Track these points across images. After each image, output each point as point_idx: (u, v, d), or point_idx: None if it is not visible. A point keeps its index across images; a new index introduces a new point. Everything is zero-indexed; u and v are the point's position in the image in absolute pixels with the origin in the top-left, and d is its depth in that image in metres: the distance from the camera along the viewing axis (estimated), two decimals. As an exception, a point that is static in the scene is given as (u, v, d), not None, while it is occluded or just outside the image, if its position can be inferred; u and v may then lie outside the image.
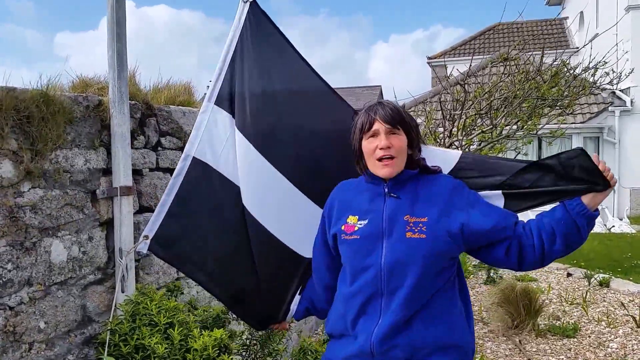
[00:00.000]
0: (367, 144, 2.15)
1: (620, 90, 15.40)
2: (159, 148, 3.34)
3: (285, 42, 2.65)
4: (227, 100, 2.63)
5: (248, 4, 2.60)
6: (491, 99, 7.04)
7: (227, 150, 2.64)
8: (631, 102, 15.69)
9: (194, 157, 2.59)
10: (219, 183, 2.62)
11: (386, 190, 2.16)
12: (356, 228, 2.13)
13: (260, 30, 2.63)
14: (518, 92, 7.09)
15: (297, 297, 2.59)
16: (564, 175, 2.12)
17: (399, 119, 2.14)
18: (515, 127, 7.64)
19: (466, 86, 7.33)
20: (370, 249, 2.08)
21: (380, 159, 2.12)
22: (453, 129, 7.34)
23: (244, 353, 3.15)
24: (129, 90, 3.04)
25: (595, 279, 8.01)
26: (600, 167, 2.04)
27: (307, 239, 2.52)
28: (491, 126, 7.06)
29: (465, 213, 2.08)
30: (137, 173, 3.13)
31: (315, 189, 2.60)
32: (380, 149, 2.10)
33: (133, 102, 3.11)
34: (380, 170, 2.13)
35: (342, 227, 2.17)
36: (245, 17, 2.60)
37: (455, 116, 7.22)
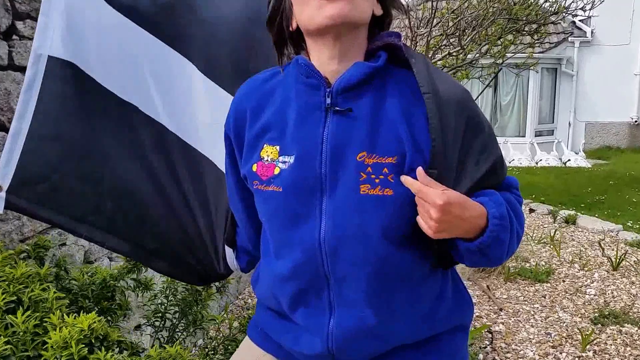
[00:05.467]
0: None
1: (580, 21, 15.04)
2: (14, 37, 2.36)
3: None
4: None
5: None
6: (458, 18, 6.54)
7: (102, 42, 1.75)
8: (592, 32, 15.35)
9: (49, 57, 1.68)
10: (99, 94, 1.76)
11: (328, 101, 1.22)
12: (277, 171, 1.25)
13: None
14: (488, 12, 6.61)
15: (229, 250, 1.74)
16: None
17: None
18: (483, 51, 7.23)
19: (434, 3, 6.83)
20: (300, 213, 1.24)
21: None
22: (417, 49, 6.83)
23: (156, 323, 2.35)
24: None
25: (561, 215, 7.68)
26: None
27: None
28: (459, 47, 6.57)
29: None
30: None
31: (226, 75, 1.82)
32: None
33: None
34: (327, 8, 1.14)
35: (254, 168, 1.28)
36: None
37: (419, 37, 6.70)
